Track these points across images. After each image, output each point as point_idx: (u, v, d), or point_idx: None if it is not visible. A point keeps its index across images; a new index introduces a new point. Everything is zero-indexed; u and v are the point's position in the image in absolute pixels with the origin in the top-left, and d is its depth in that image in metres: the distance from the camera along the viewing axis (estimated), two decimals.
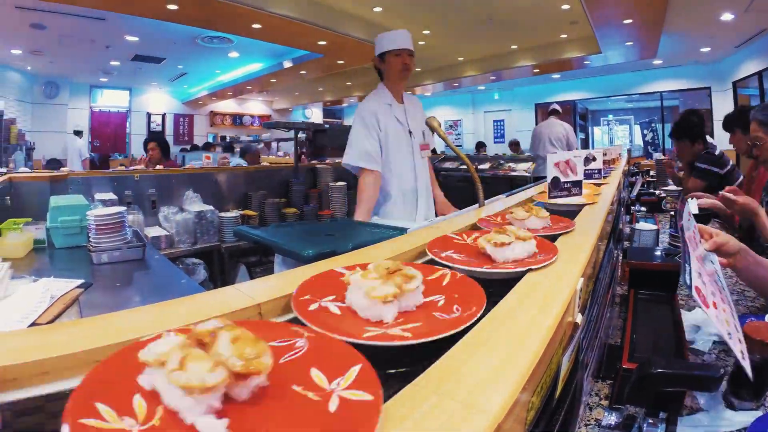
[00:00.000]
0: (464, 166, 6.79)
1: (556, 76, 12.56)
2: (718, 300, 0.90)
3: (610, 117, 15.21)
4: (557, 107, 6.65)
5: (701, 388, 0.83)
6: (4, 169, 4.73)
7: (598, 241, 1.04)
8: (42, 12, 7.26)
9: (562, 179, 1.66)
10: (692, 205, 2.12)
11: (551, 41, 9.34)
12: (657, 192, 3.86)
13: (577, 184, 1.67)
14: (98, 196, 3.36)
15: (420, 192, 2.68)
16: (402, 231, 1.43)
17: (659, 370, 0.72)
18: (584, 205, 1.52)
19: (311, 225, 2.91)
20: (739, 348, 0.82)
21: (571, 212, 1.40)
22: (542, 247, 0.89)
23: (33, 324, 0.85)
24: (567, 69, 11.31)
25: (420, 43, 9.07)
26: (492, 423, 0.36)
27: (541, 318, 0.57)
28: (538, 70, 11.23)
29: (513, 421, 0.40)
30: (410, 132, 2.64)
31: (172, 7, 6.58)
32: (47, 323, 0.85)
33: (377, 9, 7.43)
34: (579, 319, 0.69)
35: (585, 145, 14.58)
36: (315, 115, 18.52)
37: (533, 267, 0.77)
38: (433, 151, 9.15)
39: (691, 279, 0.83)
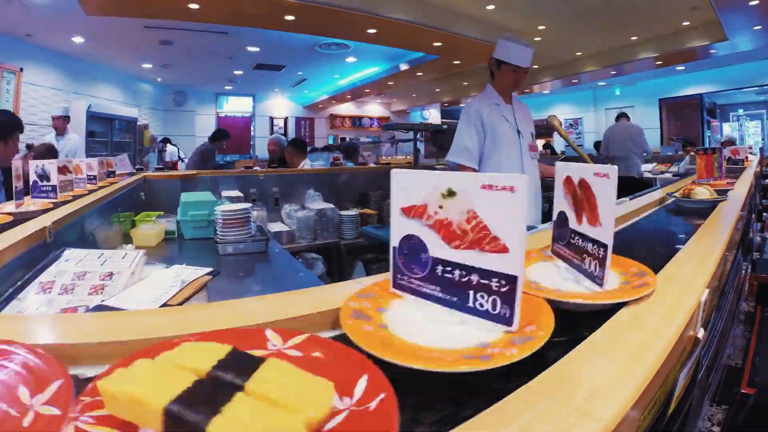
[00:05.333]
0: None
1: (680, 67, 11.39)
2: None
3: (740, 111, 13.41)
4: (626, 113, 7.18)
5: None
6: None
7: (726, 250, 0.96)
8: (169, 30, 8.00)
9: None
10: None
11: (673, 30, 8.55)
12: None
13: None
14: (225, 193, 3.57)
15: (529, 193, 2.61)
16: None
17: None
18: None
19: None
20: None
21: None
22: None
23: (164, 305, 0.94)
24: (691, 59, 10.23)
25: (535, 39, 8.70)
26: None
27: (663, 329, 0.55)
28: (660, 62, 10.31)
29: None
30: (518, 131, 2.61)
31: (290, 17, 6.92)
32: (177, 304, 0.94)
33: (490, 7, 7.26)
34: (701, 334, 0.65)
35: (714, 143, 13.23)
36: (433, 115, 18.49)
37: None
38: (553, 151, 8.83)
39: None
